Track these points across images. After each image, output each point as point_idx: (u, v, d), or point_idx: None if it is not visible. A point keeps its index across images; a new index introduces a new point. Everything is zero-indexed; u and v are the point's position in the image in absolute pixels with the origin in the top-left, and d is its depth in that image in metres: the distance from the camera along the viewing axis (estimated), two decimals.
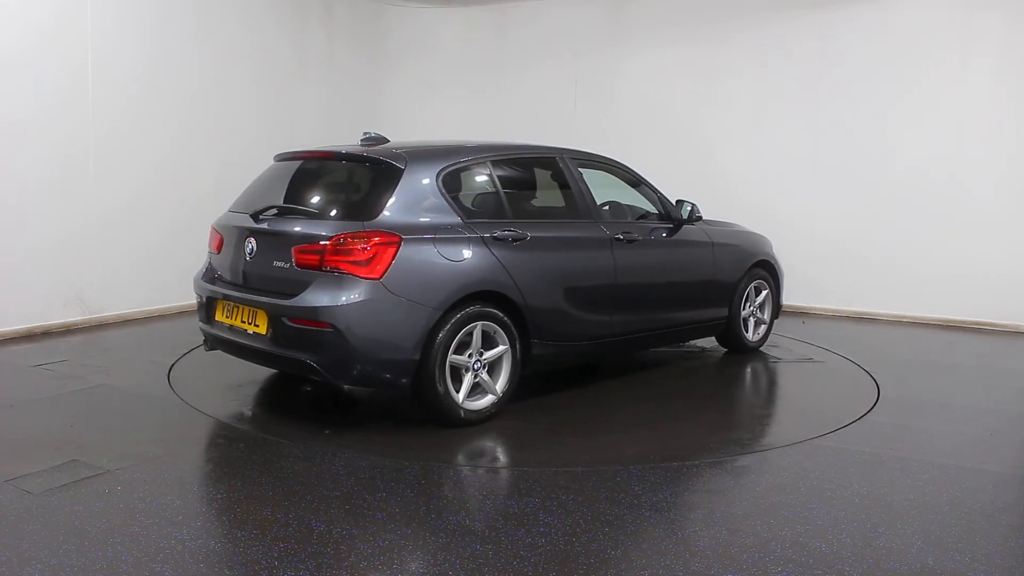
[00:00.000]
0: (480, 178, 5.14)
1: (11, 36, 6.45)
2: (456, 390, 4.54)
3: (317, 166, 5.18)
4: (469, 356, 4.59)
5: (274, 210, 4.84)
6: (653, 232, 5.79)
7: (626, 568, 3.04)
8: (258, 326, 4.58)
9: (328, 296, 4.28)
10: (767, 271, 6.61)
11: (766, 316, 6.66)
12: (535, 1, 9.65)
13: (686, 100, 8.97)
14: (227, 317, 4.83)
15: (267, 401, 5.21)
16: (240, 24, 8.27)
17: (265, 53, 8.59)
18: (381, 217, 4.44)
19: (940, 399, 5.47)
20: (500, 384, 4.73)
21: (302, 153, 5.23)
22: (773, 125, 8.58)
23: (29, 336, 6.61)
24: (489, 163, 5.11)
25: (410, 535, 3.30)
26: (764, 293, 6.60)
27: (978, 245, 7.75)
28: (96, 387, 5.25)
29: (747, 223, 6.99)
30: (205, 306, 5.04)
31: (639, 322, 5.64)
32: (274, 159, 5.35)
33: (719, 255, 6.18)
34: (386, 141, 5.15)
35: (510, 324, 4.72)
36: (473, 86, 10.00)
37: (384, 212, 4.46)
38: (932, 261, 7.95)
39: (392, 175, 4.62)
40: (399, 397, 5.00)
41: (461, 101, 10.00)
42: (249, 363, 4.99)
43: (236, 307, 4.76)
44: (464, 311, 4.51)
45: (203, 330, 5.12)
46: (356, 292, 4.27)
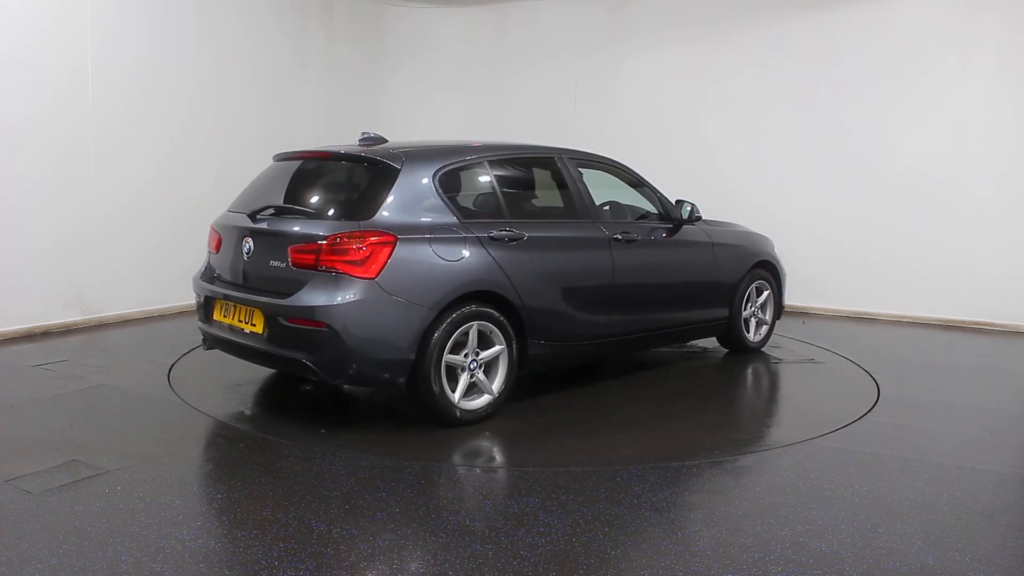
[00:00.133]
0: (477, 178, 5.13)
1: (11, 36, 6.45)
2: (452, 390, 4.55)
3: (315, 166, 5.18)
4: (465, 356, 4.59)
5: (271, 210, 4.85)
6: (652, 232, 5.79)
7: (626, 568, 3.04)
8: (255, 325, 4.59)
9: (324, 296, 4.28)
10: (769, 271, 6.59)
11: (768, 317, 6.64)
12: (535, 1, 9.65)
13: (686, 100, 8.97)
14: (225, 316, 4.84)
15: (267, 401, 5.21)
16: (240, 24, 8.27)
17: (265, 53, 8.59)
18: (377, 217, 4.44)
19: (940, 399, 5.47)
20: (496, 384, 4.73)
21: (300, 153, 5.24)
22: (773, 125, 8.58)
23: (29, 336, 6.61)
24: (486, 163, 5.11)
25: (410, 535, 3.30)
26: (766, 294, 6.59)
27: (978, 245, 7.75)
28: (96, 387, 5.25)
29: (747, 223, 6.99)
30: (203, 305, 5.05)
31: (638, 322, 5.63)
32: (273, 159, 5.36)
33: (719, 255, 6.17)
34: (384, 141, 5.15)
35: (506, 324, 4.72)
36: (473, 86, 10.00)
37: (380, 212, 4.46)
38: (932, 261, 7.95)
39: (388, 175, 4.62)
40: (398, 397, 4.99)
41: (461, 101, 10.00)
42: (248, 363, 4.99)
43: (233, 306, 4.76)
44: (460, 311, 4.51)
45: (202, 329, 5.13)
46: (351, 292, 4.27)
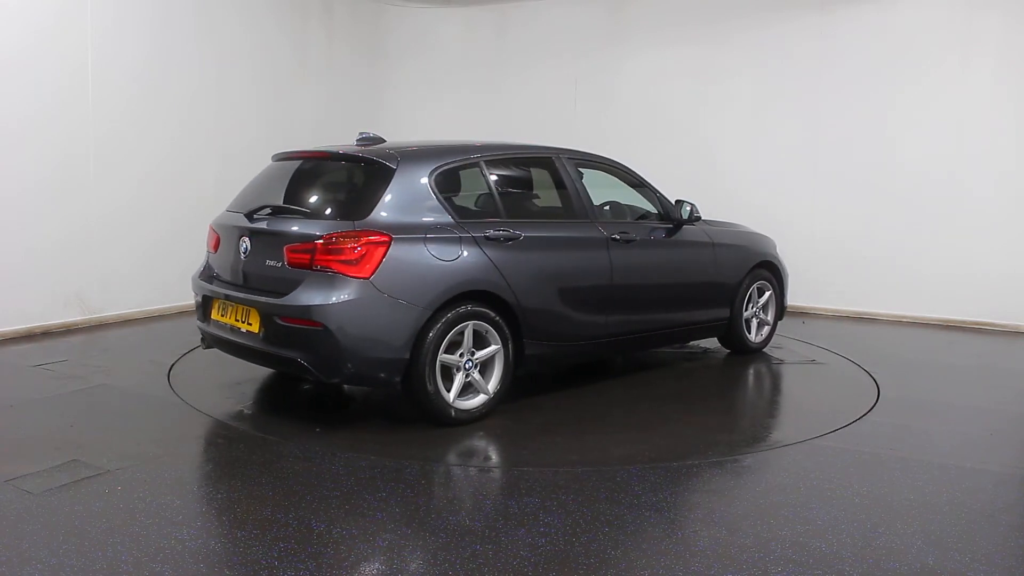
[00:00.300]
0: (474, 178, 5.12)
1: (11, 36, 6.45)
2: (447, 389, 4.55)
3: (313, 166, 5.19)
4: (460, 356, 4.59)
5: (268, 209, 4.86)
6: (651, 232, 5.78)
7: (626, 568, 3.04)
8: (251, 325, 4.60)
9: (318, 295, 4.29)
10: (771, 272, 6.57)
11: (769, 317, 6.62)
12: (535, 1, 9.64)
13: (686, 100, 8.97)
14: (222, 316, 4.85)
15: (267, 401, 5.21)
16: (240, 24, 8.27)
17: (265, 53, 8.58)
18: (372, 217, 4.45)
19: (940, 399, 5.47)
20: (492, 384, 4.72)
21: (299, 153, 5.25)
22: (773, 125, 8.58)
23: (29, 336, 6.61)
24: (483, 163, 5.10)
25: (410, 535, 3.30)
26: (768, 294, 6.57)
27: (978, 245, 7.75)
28: (96, 387, 5.25)
29: (747, 223, 6.98)
30: (202, 305, 5.07)
31: (636, 323, 5.62)
32: (271, 159, 5.37)
33: (720, 255, 6.16)
34: (382, 141, 5.16)
35: (502, 324, 4.72)
36: (473, 86, 10.00)
37: (375, 212, 4.47)
38: (932, 261, 7.95)
39: (384, 175, 4.63)
40: (395, 396, 4.99)
41: (461, 101, 10.00)
42: (248, 362, 5.00)
43: (231, 306, 4.78)
44: (455, 310, 4.51)
45: (200, 329, 5.15)
46: (346, 291, 4.28)
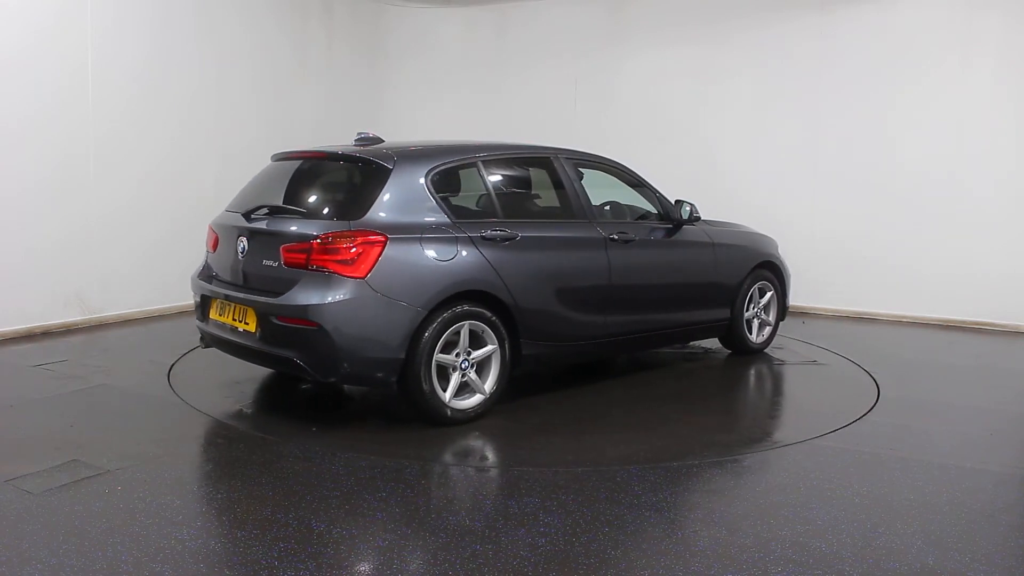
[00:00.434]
0: (471, 178, 5.12)
1: (11, 36, 6.45)
2: (444, 389, 4.55)
3: (311, 166, 5.19)
4: (456, 355, 4.59)
5: (265, 209, 4.87)
6: (650, 232, 5.77)
7: (626, 568, 3.04)
8: (248, 324, 4.61)
9: (314, 295, 4.30)
10: (772, 272, 6.55)
11: (771, 318, 6.60)
12: (535, 1, 9.64)
13: (686, 100, 8.97)
14: (221, 315, 4.86)
15: (267, 400, 5.21)
16: (240, 24, 8.27)
17: (265, 53, 8.58)
18: (368, 217, 4.45)
19: (940, 399, 5.47)
20: (489, 384, 4.72)
21: (297, 153, 5.26)
22: (773, 125, 8.58)
23: (29, 336, 6.61)
24: (480, 163, 5.10)
25: (410, 535, 3.30)
26: (769, 295, 6.55)
27: (978, 245, 7.75)
28: (96, 387, 5.25)
29: (748, 223, 6.98)
30: (201, 304, 5.08)
31: (635, 323, 5.61)
32: (271, 159, 5.38)
33: (720, 256, 6.15)
34: (381, 141, 5.16)
35: (499, 324, 4.71)
36: (473, 86, 10.00)
37: (372, 212, 4.47)
38: (932, 261, 7.95)
39: (380, 175, 4.63)
40: (393, 395, 4.99)
41: (461, 101, 10.00)
42: (247, 362, 4.99)
43: (228, 305, 4.79)
44: (451, 310, 4.51)
45: (199, 328, 5.17)
46: (341, 291, 4.28)
